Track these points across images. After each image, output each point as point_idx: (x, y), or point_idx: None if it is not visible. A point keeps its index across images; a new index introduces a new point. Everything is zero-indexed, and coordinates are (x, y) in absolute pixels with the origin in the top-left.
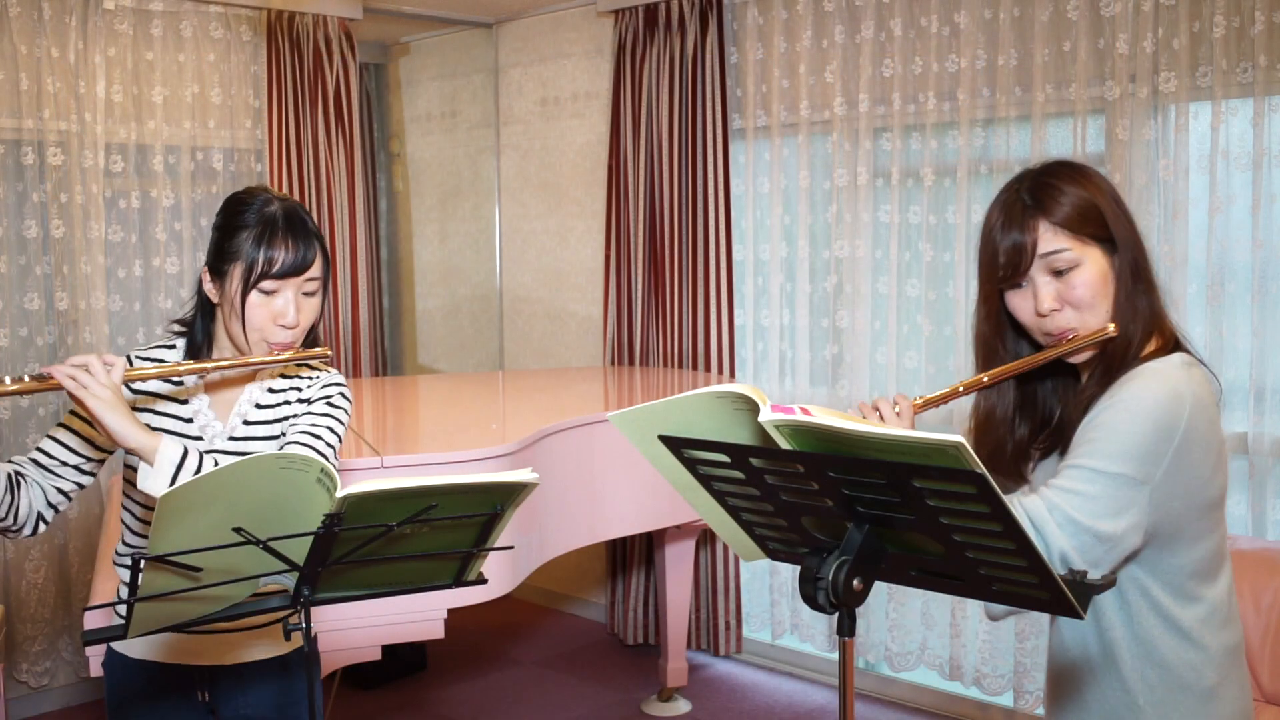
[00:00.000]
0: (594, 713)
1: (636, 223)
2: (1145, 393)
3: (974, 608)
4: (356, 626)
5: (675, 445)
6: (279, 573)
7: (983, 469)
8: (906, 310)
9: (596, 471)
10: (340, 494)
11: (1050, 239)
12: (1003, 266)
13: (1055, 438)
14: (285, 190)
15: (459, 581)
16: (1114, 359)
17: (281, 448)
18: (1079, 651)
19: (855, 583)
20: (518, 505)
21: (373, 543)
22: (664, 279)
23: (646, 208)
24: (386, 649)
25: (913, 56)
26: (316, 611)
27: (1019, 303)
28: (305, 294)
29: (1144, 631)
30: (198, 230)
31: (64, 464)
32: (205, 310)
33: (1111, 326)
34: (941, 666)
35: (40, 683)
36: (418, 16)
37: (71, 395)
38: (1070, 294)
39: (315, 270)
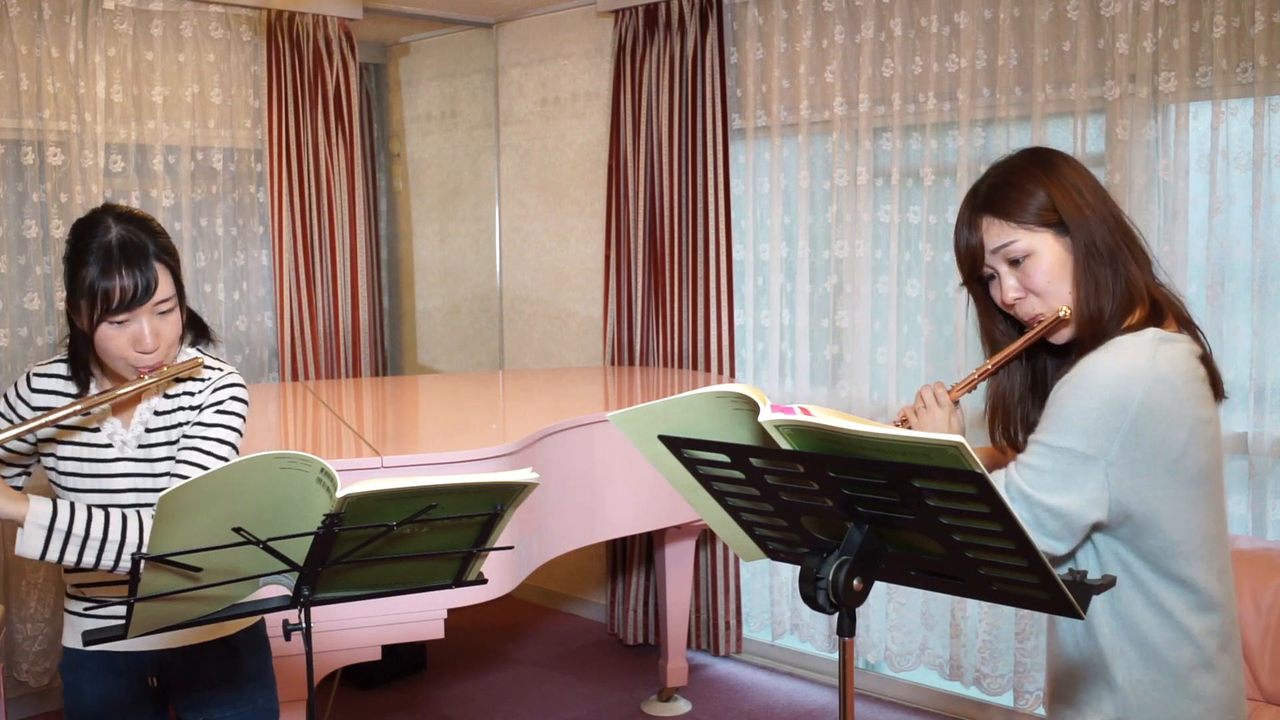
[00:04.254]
0: (594, 713)
1: (636, 223)
2: (1097, 367)
3: (974, 607)
4: (356, 626)
5: (675, 445)
6: (279, 572)
7: (982, 469)
8: (906, 310)
9: (596, 471)
10: (340, 494)
11: (997, 233)
12: (961, 265)
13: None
14: (285, 190)
15: (459, 581)
16: (1086, 335)
17: (179, 452)
18: (1065, 625)
19: (855, 583)
20: (518, 505)
21: (373, 543)
22: (664, 279)
23: (646, 208)
24: (386, 649)
25: (913, 56)
26: (316, 611)
27: (994, 292)
28: (160, 313)
29: (1124, 607)
30: (198, 230)
31: None
32: (83, 336)
33: (1064, 310)
34: (941, 666)
35: (40, 683)
36: (418, 16)
37: None
38: (1028, 281)
39: (162, 292)
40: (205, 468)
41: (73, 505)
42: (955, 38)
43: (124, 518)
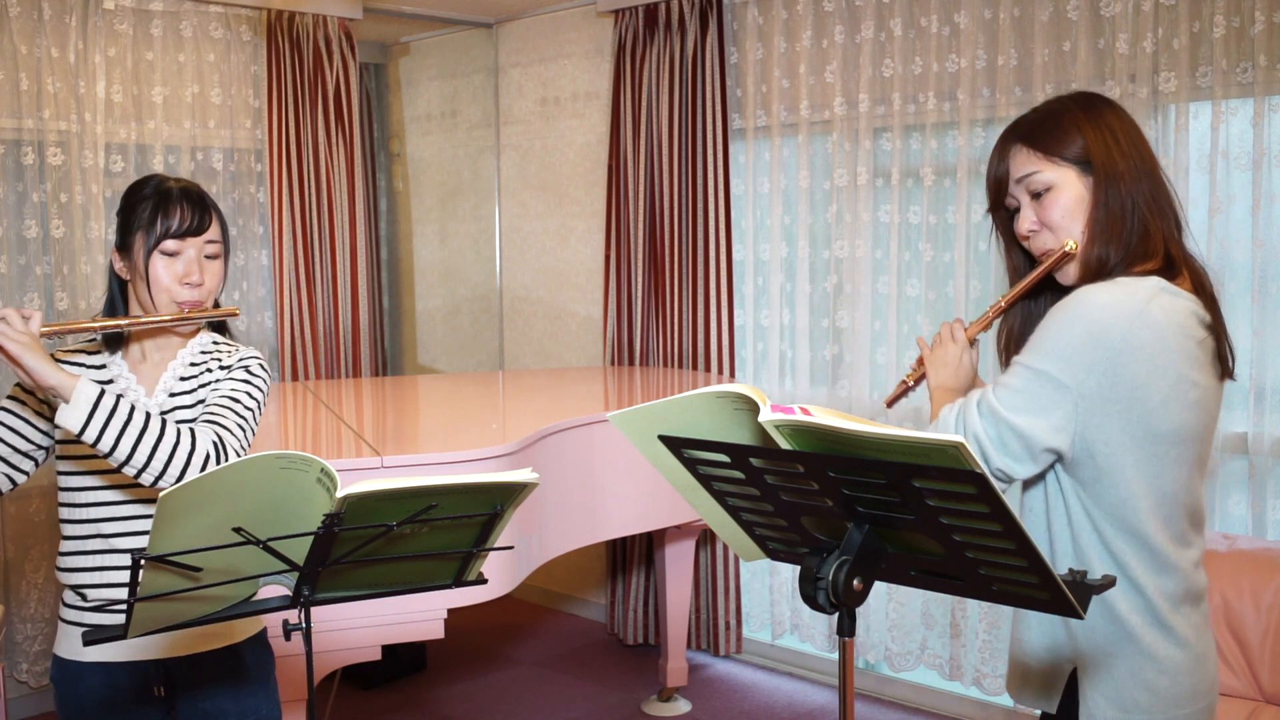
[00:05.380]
0: (594, 713)
1: (636, 223)
2: (1085, 297)
3: (974, 607)
4: (356, 626)
5: (675, 445)
6: (279, 573)
7: (983, 469)
8: (906, 310)
9: (596, 471)
10: (340, 494)
11: (1024, 162)
12: (989, 192)
13: None
14: (285, 190)
15: (459, 581)
16: (1088, 276)
17: (207, 407)
18: None
19: (855, 583)
20: (518, 505)
21: (373, 543)
22: (664, 279)
23: (646, 208)
24: (386, 649)
25: (913, 56)
26: (316, 611)
27: (1014, 225)
28: (207, 256)
29: (1085, 555)
30: None
31: None
32: (121, 298)
33: (1070, 244)
34: (941, 666)
35: (40, 683)
36: (418, 16)
37: None
38: (1045, 215)
39: (213, 233)
40: (235, 412)
41: (119, 396)
42: (955, 38)
43: (166, 422)
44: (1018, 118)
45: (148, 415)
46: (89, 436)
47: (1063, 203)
